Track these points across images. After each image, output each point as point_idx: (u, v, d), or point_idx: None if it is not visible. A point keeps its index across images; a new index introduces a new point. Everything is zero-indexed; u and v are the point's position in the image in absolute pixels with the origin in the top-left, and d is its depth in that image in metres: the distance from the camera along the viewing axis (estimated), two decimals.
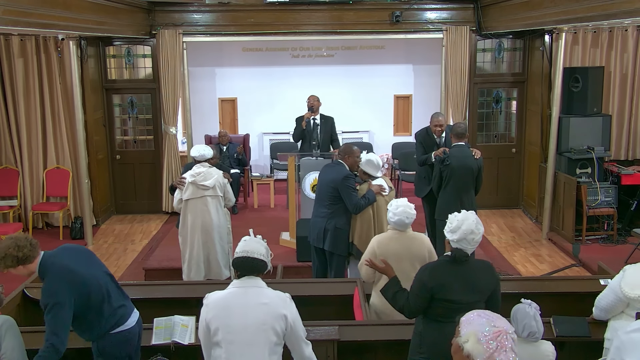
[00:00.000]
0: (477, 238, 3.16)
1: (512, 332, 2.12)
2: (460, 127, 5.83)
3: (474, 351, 2.08)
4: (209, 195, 5.56)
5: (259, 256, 2.89)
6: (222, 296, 2.87)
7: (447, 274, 3.18)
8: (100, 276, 3.38)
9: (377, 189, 5.10)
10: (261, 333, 2.77)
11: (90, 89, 8.08)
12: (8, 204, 7.81)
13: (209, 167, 5.59)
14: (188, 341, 3.76)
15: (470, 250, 3.19)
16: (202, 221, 5.58)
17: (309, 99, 7.48)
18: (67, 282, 3.16)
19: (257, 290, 2.86)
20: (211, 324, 2.81)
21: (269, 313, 2.79)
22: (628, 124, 7.98)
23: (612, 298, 3.48)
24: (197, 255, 5.65)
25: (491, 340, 2.07)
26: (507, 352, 2.06)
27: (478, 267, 3.27)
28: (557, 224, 7.49)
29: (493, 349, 2.06)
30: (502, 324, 2.13)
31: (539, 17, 6.75)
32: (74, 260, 3.30)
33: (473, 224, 3.15)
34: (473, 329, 2.12)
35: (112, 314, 3.36)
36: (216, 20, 8.47)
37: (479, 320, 2.14)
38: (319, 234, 5.21)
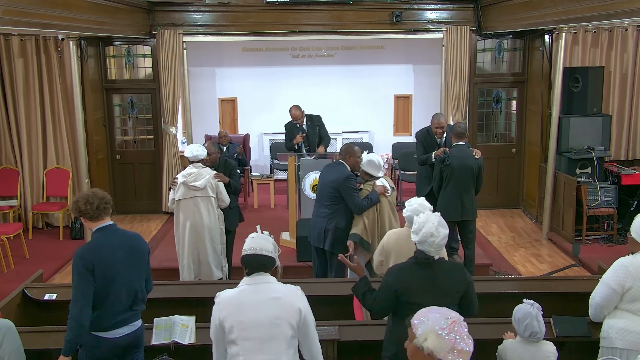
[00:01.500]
0: (437, 241, 3.11)
1: (463, 319, 2.14)
2: (460, 127, 5.83)
3: (436, 347, 2.07)
4: (200, 196, 5.54)
5: (267, 253, 2.89)
6: (233, 294, 2.87)
7: (412, 276, 3.15)
8: (129, 279, 3.34)
9: (381, 189, 5.09)
10: (276, 327, 2.78)
11: (90, 89, 8.08)
12: (8, 204, 7.81)
13: (201, 167, 5.57)
14: (188, 341, 3.76)
15: (434, 253, 3.14)
16: (192, 222, 5.57)
17: (293, 115, 7.35)
18: (95, 257, 3.24)
19: (268, 286, 2.87)
20: (225, 323, 2.81)
21: (282, 307, 2.80)
22: (628, 124, 7.99)
23: (606, 291, 3.45)
24: (187, 256, 5.64)
25: (450, 332, 2.09)
26: (465, 339, 2.08)
27: (447, 269, 3.20)
28: (557, 224, 7.49)
29: (454, 340, 2.08)
30: (454, 315, 2.15)
31: (539, 17, 6.75)
32: (119, 249, 3.33)
33: (433, 227, 3.12)
34: (429, 326, 2.11)
35: (103, 316, 3.30)
36: (216, 20, 8.47)
37: (433, 317, 2.15)
38: (320, 234, 5.21)
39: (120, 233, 3.44)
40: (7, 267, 6.69)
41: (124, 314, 3.36)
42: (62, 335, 3.77)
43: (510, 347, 3.20)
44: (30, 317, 4.40)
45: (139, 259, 3.43)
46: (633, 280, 3.37)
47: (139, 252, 3.44)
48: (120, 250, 3.35)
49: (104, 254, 3.29)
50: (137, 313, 3.45)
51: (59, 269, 6.83)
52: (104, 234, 3.36)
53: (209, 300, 4.42)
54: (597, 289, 3.53)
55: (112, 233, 3.39)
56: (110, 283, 3.29)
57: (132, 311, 3.40)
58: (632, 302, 3.40)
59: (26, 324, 4.28)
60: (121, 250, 3.35)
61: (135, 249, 3.42)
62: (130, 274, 3.36)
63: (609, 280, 3.44)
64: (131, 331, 3.40)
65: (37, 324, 4.20)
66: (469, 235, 5.88)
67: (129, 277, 3.36)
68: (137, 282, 3.40)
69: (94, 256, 3.26)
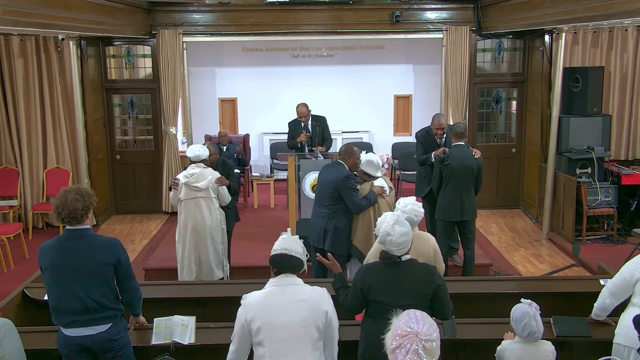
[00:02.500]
0: (395, 240, 3.14)
1: (427, 339, 2.15)
2: (460, 127, 5.83)
3: (386, 342, 2.20)
4: (202, 197, 5.54)
5: (297, 254, 2.93)
6: (261, 296, 2.88)
7: (379, 275, 3.19)
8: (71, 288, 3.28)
9: (379, 190, 5.10)
10: (302, 330, 2.79)
11: (90, 89, 8.08)
12: (8, 204, 7.81)
13: (203, 167, 5.57)
14: (188, 341, 3.76)
15: (396, 252, 3.16)
16: (194, 222, 5.57)
17: (300, 112, 7.35)
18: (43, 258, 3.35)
19: (295, 288, 2.88)
20: (252, 325, 2.81)
21: (309, 309, 2.82)
22: (628, 124, 7.99)
23: (618, 278, 3.50)
24: (188, 256, 5.65)
25: (397, 337, 2.15)
26: (406, 353, 2.12)
27: (414, 271, 3.21)
28: (557, 224, 7.49)
29: (395, 346, 2.15)
30: (419, 328, 2.17)
31: (539, 17, 6.75)
32: (72, 256, 3.28)
33: (388, 225, 3.17)
34: (395, 322, 2.22)
35: (57, 312, 3.35)
36: (216, 20, 8.47)
37: (403, 317, 2.23)
38: (319, 234, 5.21)
39: (86, 239, 3.32)
40: (7, 267, 6.69)
41: (79, 316, 3.30)
42: None
43: (509, 347, 3.20)
44: (30, 317, 4.40)
45: (91, 270, 3.29)
46: None
47: (91, 263, 3.28)
48: (71, 257, 3.28)
49: (51, 257, 3.30)
50: (100, 317, 3.34)
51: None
52: (66, 236, 3.33)
53: (209, 300, 4.46)
54: (614, 277, 3.58)
55: (75, 238, 3.31)
56: (53, 283, 3.31)
57: (89, 314, 3.30)
58: None
59: (26, 324, 4.28)
60: (72, 257, 3.27)
61: (89, 260, 3.28)
62: (73, 283, 3.27)
63: (623, 268, 3.50)
64: (90, 334, 3.32)
65: (37, 324, 4.20)
66: (469, 235, 5.88)
67: (72, 285, 3.28)
68: (83, 292, 3.27)
69: (42, 257, 3.35)
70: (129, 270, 3.45)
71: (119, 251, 3.39)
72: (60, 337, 3.40)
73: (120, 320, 3.47)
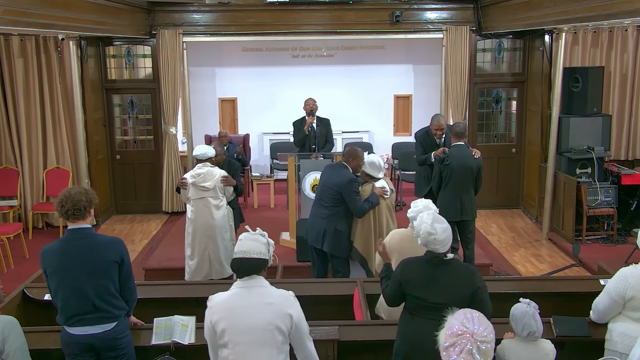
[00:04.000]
0: (439, 237, 3.15)
1: (483, 340, 2.15)
2: (460, 127, 5.83)
3: (440, 340, 2.21)
4: (210, 197, 5.57)
5: (256, 255, 2.84)
6: (226, 298, 2.84)
7: (416, 270, 3.21)
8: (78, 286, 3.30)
9: (380, 191, 5.10)
10: (267, 333, 2.76)
11: (90, 89, 8.08)
12: (8, 204, 7.81)
13: (210, 167, 5.60)
14: (188, 341, 3.75)
15: (441, 249, 3.18)
16: (204, 222, 5.60)
17: (308, 103, 7.44)
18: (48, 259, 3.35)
19: (261, 290, 2.83)
20: (217, 326, 2.79)
21: (275, 313, 2.77)
22: (628, 124, 7.99)
23: (608, 301, 3.50)
24: (199, 256, 5.68)
25: (453, 335, 2.15)
26: (461, 352, 2.12)
27: (454, 270, 3.20)
28: (557, 224, 7.49)
29: (450, 344, 2.14)
30: (474, 328, 2.15)
31: (539, 17, 6.75)
32: (77, 255, 3.30)
33: (428, 226, 3.17)
34: (450, 321, 2.22)
35: (63, 311, 3.36)
36: (216, 20, 8.47)
37: (459, 316, 2.23)
38: (318, 235, 5.20)
39: (89, 238, 3.35)
40: (7, 267, 6.69)
41: (85, 315, 3.32)
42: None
43: (509, 347, 3.20)
44: (30, 317, 4.39)
45: (97, 267, 3.31)
46: (634, 291, 3.39)
47: (97, 261, 3.31)
48: (77, 256, 3.30)
49: (56, 260, 3.32)
50: (106, 316, 3.35)
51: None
52: (69, 237, 3.35)
53: None
54: (600, 297, 3.57)
55: (78, 237, 3.33)
56: (60, 286, 3.32)
57: (97, 313, 3.33)
58: (633, 311, 3.43)
59: (26, 324, 4.26)
60: (78, 257, 3.30)
61: (96, 258, 3.30)
62: (80, 283, 3.29)
63: (611, 291, 3.48)
64: (95, 332, 3.34)
65: (37, 324, 4.20)
66: (469, 235, 5.88)
67: (79, 285, 3.29)
68: (91, 291, 3.29)
69: (46, 260, 3.35)
70: (130, 270, 3.48)
71: (122, 250, 3.42)
72: (65, 335, 3.41)
73: (125, 320, 3.49)
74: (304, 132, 7.38)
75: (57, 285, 3.34)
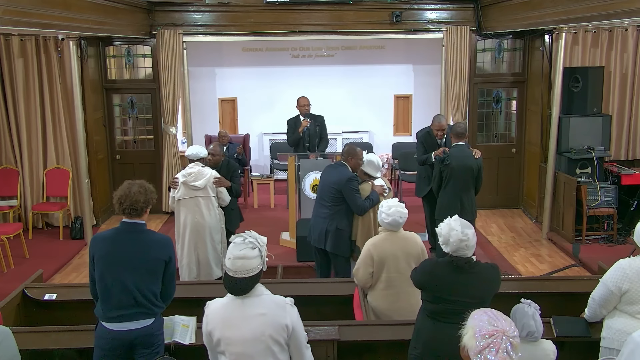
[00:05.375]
0: (471, 242, 3.15)
1: (514, 336, 2.13)
2: (460, 127, 5.83)
3: (468, 344, 2.14)
4: (200, 196, 5.55)
5: (249, 274, 2.71)
6: (220, 307, 2.80)
7: (449, 276, 3.16)
8: (123, 279, 3.33)
9: (380, 189, 5.11)
10: (261, 344, 2.71)
11: (90, 89, 8.09)
12: (8, 204, 7.81)
13: (201, 166, 5.59)
14: (189, 341, 3.76)
15: (469, 253, 3.18)
16: (193, 221, 5.58)
17: (302, 102, 7.40)
18: (96, 247, 3.39)
19: (255, 300, 2.75)
20: (213, 335, 2.78)
21: (267, 324, 2.71)
22: (628, 124, 7.99)
23: (604, 291, 3.50)
24: (187, 255, 5.65)
25: (485, 336, 2.11)
26: (499, 351, 2.09)
27: (483, 272, 3.21)
28: (557, 224, 7.49)
29: (484, 346, 2.11)
30: (503, 325, 2.14)
31: (539, 17, 6.75)
32: (125, 248, 3.34)
33: (459, 233, 3.14)
34: (473, 323, 2.17)
35: (103, 305, 3.37)
36: (216, 20, 8.47)
37: (482, 317, 2.19)
38: (320, 235, 5.21)
39: (142, 234, 3.41)
40: (7, 267, 6.69)
41: (125, 310, 3.34)
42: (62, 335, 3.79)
43: None
44: (30, 317, 4.40)
45: (145, 264, 3.36)
46: (630, 283, 3.39)
47: (147, 258, 3.36)
48: (125, 250, 3.34)
49: (106, 247, 3.35)
50: (145, 312, 3.39)
51: (59, 269, 6.82)
52: (122, 229, 3.41)
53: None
54: (597, 288, 3.57)
55: (132, 231, 3.39)
56: (105, 274, 3.34)
57: (137, 308, 3.35)
58: (629, 305, 3.42)
59: (26, 324, 4.28)
60: (126, 250, 3.34)
61: (146, 254, 3.36)
62: (125, 275, 3.33)
63: (607, 282, 3.48)
64: (135, 328, 3.36)
65: (37, 324, 4.20)
66: None
67: (124, 277, 3.33)
68: (133, 285, 3.33)
69: (96, 246, 3.38)
70: (174, 270, 3.55)
71: (171, 249, 3.48)
72: (102, 331, 3.37)
73: (160, 317, 3.52)
74: (298, 134, 7.36)
75: (101, 273, 3.35)
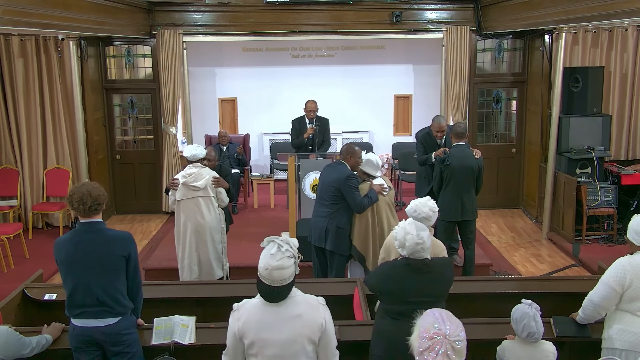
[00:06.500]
0: (426, 245, 3.16)
1: (456, 340, 2.14)
2: (460, 127, 5.84)
3: (413, 344, 2.17)
4: (201, 196, 5.54)
5: (286, 282, 2.71)
6: (253, 309, 2.75)
7: (405, 278, 3.19)
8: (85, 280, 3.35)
9: (379, 188, 5.11)
10: (297, 345, 2.71)
11: (90, 89, 8.09)
12: (8, 204, 7.81)
13: (200, 167, 5.58)
14: (188, 341, 3.76)
15: (425, 255, 3.19)
16: (194, 222, 5.57)
17: (309, 107, 7.40)
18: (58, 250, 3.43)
19: (289, 301, 2.74)
20: (245, 339, 2.72)
21: (305, 325, 2.72)
22: (628, 124, 7.99)
23: (605, 291, 3.44)
24: (188, 256, 5.64)
25: (427, 338, 2.13)
26: (438, 355, 2.10)
27: (438, 269, 3.24)
28: (557, 224, 7.49)
29: (425, 348, 2.12)
30: (447, 329, 2.15)
31: (539, 17, 6.75)
32: (86, 248, 3.36)
33: (414, 236, 3.15)
34: (420, 323, 2.19)
35: (70, 303, 3.42)
36: (216, 20, 8.47)
37: (428, 318, 2.20)
38: (320, 234, 5.21)
39: (100, 233, 3.42)
40: (7, 267, 6.69)
41: (90, 307, 3.38)
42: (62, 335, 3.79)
43: (509, 348, 3.20)
44: (30, 317, 4.40)
45: (104, 262, 3.36)
46: (631, 279, 3.37)
47: (105, 256, 3.37)
48: (86, 249, 3.36)
49: (66, 250, 3.40)
50: (108, 311, 3.39)
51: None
52: (82, 230, 3.43)
53: (209, 300, 4.46)
54: (596, 289, 3.52)
55: (90, 231, 3.41)
56: (68, 276, 3.40)
57: (102, 307, 3.38)
58: (630, 302, 3.40)
59: (26, 324, 4.27)
60: (87, 250, 3.36)
61: (104, 252, 3.36)
62: (87, 275, 3.34)
63: (608, 280, 3.44)
64: (97, 326, 3.39)
65: (37, 324, 4.19)
66: (469, 236, 5.88)
67: (86, 277, 3.34)
68: (95, 284, 3.34)
69: (58, 249, 3.43)
70: (137, 265, 3.53)
71: (131, 245, 3.48)
72: (70, 328, 3.47)
73: (130, 317, 3.52)
74: (302, 139, 7.35)
75: (65, 276, 3.43)
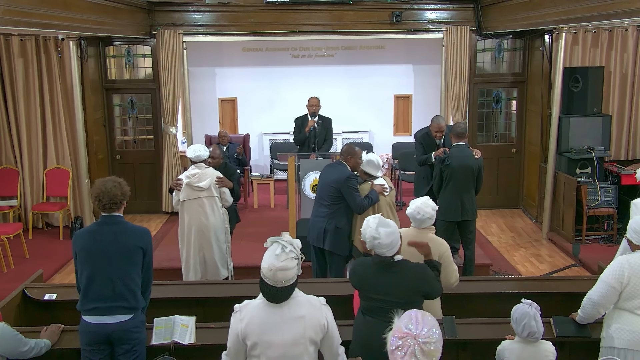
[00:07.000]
0: (383, 241, 3.14)
1: (425, 342, 2.16)
2: (460, 127, 5.84)
3: (387, 342, 2.22)
4: (205, 197, 5.54)
5: (290, 282, 2.73)
6: (255, 311, 2.75)
7: (368, 274, 3.23)
8: (106, 270, 3.42)
9: (379, 188, 5.11)
10: (300, 346, 2.72)
11: (90, 89, 8.08)
12: (8, 204, 7.81)
13: (204, 167, 5.57)
14: (188, 341, 3.76)
15: (387, 253, 3.17)
16: (198, 222, 5.56)
17: (311, 102, 7.44)
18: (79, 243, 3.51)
19: (291, 302, 2.76)
20: (247, 340, 2.73)
21: (308, 326, 2.73)
22: (628, 124, 7.99)
23: (604, 289, 3.45)
24: (193, 257, 5.64)
25: (397, 338, 2.17)
26: (404, 355, 2.13)
27: (406, 273, 3.21)
28: (557, 224, 7.49)
29: (395, 347, 2.16)
30: (417, 330, 2.18)
31: (539, 17, 6.75)
32: (106, 239, 3.45)
33: (372, 230, 3.16)
34: (397, 322, 2.23)
35: (84, 298, 3.46)
36: (216, 20, 8.47)
37: (404, 319, 2.24)
38: (319, 234, 5.21)
39: (120, 225, 3.52)
40: (7, 267, 6.69)
41: (102, 302, 3.42)
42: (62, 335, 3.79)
43: (509, 347, 3.20)
44: (30, 317, 4.40)
45: (123, 254, 3.46)
46: (630, 277, 3.38)
47: (124, 246, 3.46)
48: (106, 240, 3.45)
49: (86, 240, 3.48)
50: (124, 307, 3.44)
51: (59, 269, 6.83)
52: (101, 222, 3.52)
53: (210, 300, 4.46)
54: (595, 287, 3.53)
55: (111, 223, 3.51)
56: (85, 267, 3.44)
57: (116, 302, 3.42)
58: (628, 300, 3.40)
59: (26, 324, 4.28)
60: (107, 240, 3.45)
61: (123, 243, 3.46)
62: (105, 264, 3.42)
63: (607, 278, 3.45)
64: (110, 322, 3.42)
65: (37, 324, 4.20)
66: (469, 236, 5.88)
67: (104, 266, 3.42)
68: (113, 273, 3.42)
69: (79, 241, 3.51)
70: (151, 261, 3.62)
71: (148, 238, 3.61)
72: (82, 325, 3.49)
73: (141, 315, 3.55)
74: (304, 134, 7.38)
75: (82, 266, 3.47)
